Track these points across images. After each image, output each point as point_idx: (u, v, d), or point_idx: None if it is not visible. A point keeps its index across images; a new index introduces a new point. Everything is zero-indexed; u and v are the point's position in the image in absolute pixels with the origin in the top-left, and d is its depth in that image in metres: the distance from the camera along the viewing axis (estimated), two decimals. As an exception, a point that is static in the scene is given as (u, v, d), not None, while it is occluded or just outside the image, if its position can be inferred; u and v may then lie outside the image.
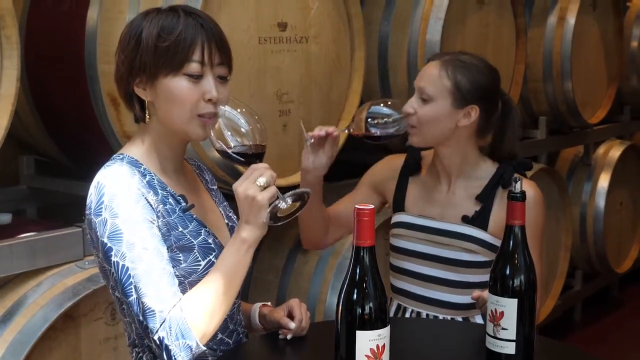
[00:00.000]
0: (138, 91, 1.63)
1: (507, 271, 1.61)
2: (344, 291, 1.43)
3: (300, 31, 2.76)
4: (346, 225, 2.23)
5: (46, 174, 3.07)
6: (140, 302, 1.51)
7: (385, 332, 1.43)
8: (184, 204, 1.66)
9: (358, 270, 1.43)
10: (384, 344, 1.42)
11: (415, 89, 2.10)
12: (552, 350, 1.80)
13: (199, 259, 1.63)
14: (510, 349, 1.60)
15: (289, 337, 1.75)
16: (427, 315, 2.12)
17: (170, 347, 1.50)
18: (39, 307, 2.17)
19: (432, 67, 2.09)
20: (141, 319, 1.52)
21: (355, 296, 1.42)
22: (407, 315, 2.15)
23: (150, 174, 1.63)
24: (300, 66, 2.77)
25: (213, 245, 1.67)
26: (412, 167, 2.22)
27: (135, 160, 1.64)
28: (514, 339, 1.60)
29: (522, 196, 1.61)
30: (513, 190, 1.61)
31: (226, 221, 1.80)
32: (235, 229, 1.61)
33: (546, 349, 1.75)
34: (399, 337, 1.84)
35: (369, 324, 1.41)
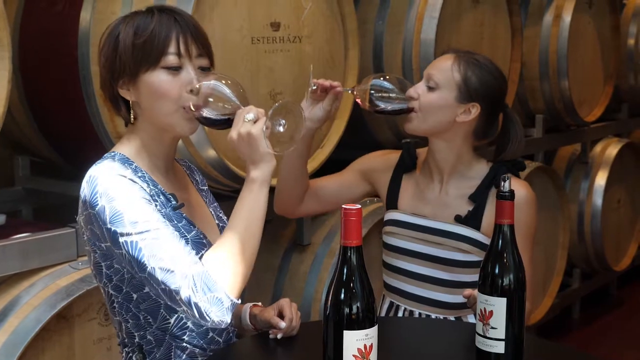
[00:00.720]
0: (123, 93, 1.65)
1: (496, 270, 1.61)
2: (331, 291, 1.44)
3: (294, 31, 2.76)
4: (322, 201, 2.23)
5: (41, 174, 3.08)
6: (157, 269, 1.50)
7: (372, 331, 1.43)
8: (174, 202, 1.66)
9: (345, 270, 1.43)
10: (372, 344, 1.42)
11: (424, 75, 2.11)
12: (543, 349, 1.80)
13: (194, 252, 1.62)
14: (499, 348, 1.60)
15: (279, 336, 1.75)
16: (420, 314, 2.12)
17: (200, 304, 1.48)
18: (32, 307, 2.18)
19: (445, 58, 2.11)
20: (163, 286, 1.50)
21: (342, 296, 1.42)
22: (400, 313, 2.15)
23: (142, 171, 1.64)
24: (294, 66, 2.77)
25: (205, 242, 1.67)
26: (407, 165, 2.22)
27: (127, 158, 1.65)
28: (504, 338, 1.60)
29: (511, 195, 1.61)
30: (501, 189, 1.61)
31: (216, 221, 1.81)
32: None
33: (536, 348, 1.75)
34: (390, 336, 1.85)
35: (357, 323, 1.41)
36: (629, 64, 5.33)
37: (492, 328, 1.60)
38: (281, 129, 1.57)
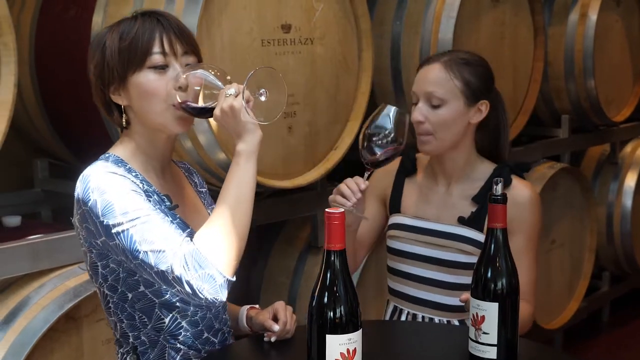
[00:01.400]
0: (115, 98, 1.68)
1: (488, 275, 1.60)
2: (315, 295, 1.43)
3: (305, 33, 2.76)
4: (366, 244, 2.21)
5: (60, 176, 3.12)
6: (149, 252, 1.52)
7: (356, 336, 1.42)
8: (167, 203, 1.67)
9: (329, 274, 1.43)
10: (355, 348, 1.42)
11: (419, 95, 2.05)
12: (537, 355, 1.77)
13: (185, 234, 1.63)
14: (491, 353, 1.59)
15: (272, 339, 1.76)
16: (423, 317, 2.10)
17: (192, 282, 1.49)
18: (40, 308, 2.21)
19: (435, 70, 2.04)
20: (156, 268, 1.52)
21: (325, 300, 1.42)
22: (403, 317, 2.13)
23: (135, 171, 1.66)
24: (306, 68, 2.78)
25: None
26: (407, 169, 2.20)
27: (120, 159, 1.67)
28: (495, 343, 1.58)
29: (503, 199, 1.60)
30: (494, 192, 1.60)
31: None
32: None
33: (530, 354, 1.72)
34: (387, 340, 1.84)
35: (340, 327, 1.41)
36: (660, 62, 5.22)
37: (484, 333, 1.59)
38: (263, 98, 1.58)
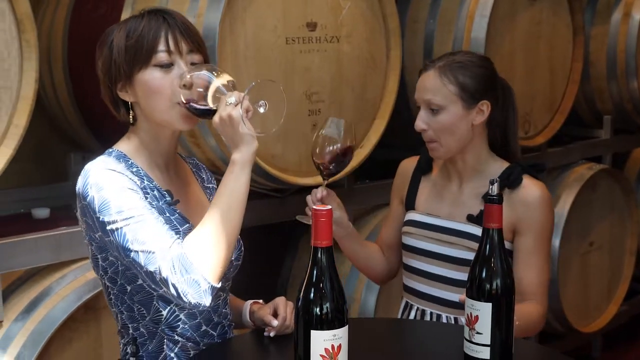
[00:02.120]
0: (122, 95, 1.71)
1: (483, 275, 1.58)
2: (301, 291, 1.45)
3: (331, 31, 2.76)
4: (397, 248, 2.24)
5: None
6: (140, 252, 1.56)
7: (341, 332, 1.43)
8: (168, 198, 1.70)
9: (315, 271, 1.44)
10: (340, 344, 1.43)
11: (420, 103, 2.08)
12: (532, 356, 1.75)
13: (177, 236, 1.65)
14: (485, 353, 1.58)
15: (272, 334, 1.78)
16: (431, 313, 2.11)
17: (177, 285, 1.53)
18: (60, 298, 2.27)
19: (430, 77, 2.06)
20: (145, 268, 1.56)
21: (311, 296, 1.43)
22: (413, 313, 2.15)
23: (137, 167, 1.70)
24: (331, 66, 2.78)
25: None
26: (423, 167, 2.22)
27: (123, 155, 1.71)
28: (489, 343, 1.57)
29: (499, 199, 1.59)
30: (489, 192, 1.59)
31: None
32: None
33: (526, 354, 1.70)
34: (385, 337, 1.84)
35: (325, 323, 1.42)
36: None
37: (478, 333, 1.58)
38: (262, 109, 1.60)
